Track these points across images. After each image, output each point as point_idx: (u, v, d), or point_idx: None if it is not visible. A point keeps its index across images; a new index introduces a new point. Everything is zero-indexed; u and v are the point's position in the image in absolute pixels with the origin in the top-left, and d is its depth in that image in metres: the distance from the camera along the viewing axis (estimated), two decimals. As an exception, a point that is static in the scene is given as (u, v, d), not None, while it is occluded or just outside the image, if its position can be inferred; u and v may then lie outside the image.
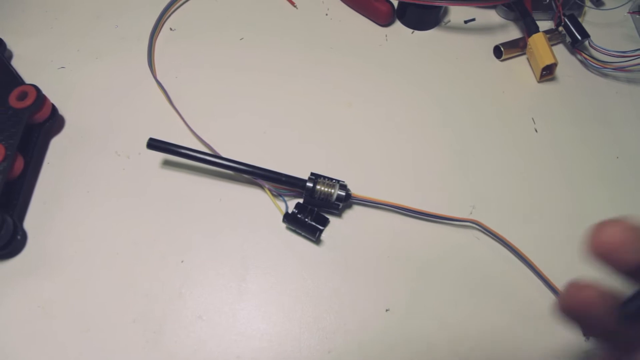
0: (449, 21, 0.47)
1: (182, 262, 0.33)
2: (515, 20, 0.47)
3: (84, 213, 0.35)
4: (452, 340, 0.32)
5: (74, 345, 0.31)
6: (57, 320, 0.31)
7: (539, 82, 0.43)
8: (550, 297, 0.33)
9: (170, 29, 0.44)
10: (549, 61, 0.41)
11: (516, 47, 0.44)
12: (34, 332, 0.31)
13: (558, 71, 0.43)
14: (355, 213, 0.36)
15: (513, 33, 0.46)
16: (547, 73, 0.43)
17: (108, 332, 0.31)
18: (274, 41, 0.44)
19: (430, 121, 0.40)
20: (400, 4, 0.45)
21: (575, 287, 0.21)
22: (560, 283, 0.33)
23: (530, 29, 0.43)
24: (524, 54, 0.45)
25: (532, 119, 0.41)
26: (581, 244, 0.35)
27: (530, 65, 0.44)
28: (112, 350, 0.31)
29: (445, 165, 0.38)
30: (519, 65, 0.44)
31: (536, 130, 0.41)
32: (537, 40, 0.42)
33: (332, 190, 0.34)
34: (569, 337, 0.32)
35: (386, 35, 0.45)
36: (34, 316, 0.32)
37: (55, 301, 0.32)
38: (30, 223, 0.35)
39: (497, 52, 0.45)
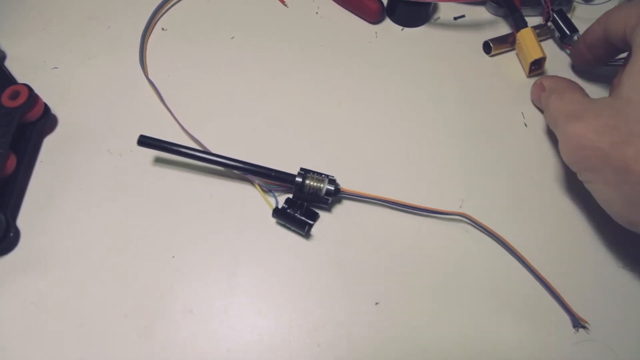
0: (439, 18, 0.47)
1: (173, 257, 0.34)
2: (505, 17, 0.47)
3: (77, 210, 0.35)
4: (440, 332, 0.32)
5: (67, 341, 0.31)
6: (50, 316, 0.32)
7: (528, 77, 0.43)
8: (539, 289, 0.33)
9: (162, 29, 0.45)
10: (537, 55, 0.42)
11: (505, 42, 0.45)
12: (27, 329, 0.31)
13: (547, 66, 0.44)
14: (344, 207, 0.36)
15: (503, 29, 0.47)
16: (536, 68, 0.43)
17: (100, 327, 0.31)
18: (265, 40, 0.44)
19: (419, 117, 0.41)
20: (390, 1, 0.46)
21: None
22: (550, 276, 0.33)
23: (518, 24, 0.43)
24: (514, 49, 0.45)
25: (522, 113, 0.41)
26: (570, 237, 0.35)
27: (519, 60, 0.44)
28: (104, 345, 0.31)
29: (435, 160, 0.39)
30: (508, 60, 0.45)
31: (525, 125, 0.41)
32: (526, 35, 0.42)
33: (321, 185, 0.34)
34: (558, 330, 0.32)
35: (376, 33, 0.46)
36: (28, 313, 0.32)
37: (48, 297, 0.32)
38: (23, 221, 0.35)
39: (487, 47, 0.45)
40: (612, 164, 0.28)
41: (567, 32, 0.44)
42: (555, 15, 0.44)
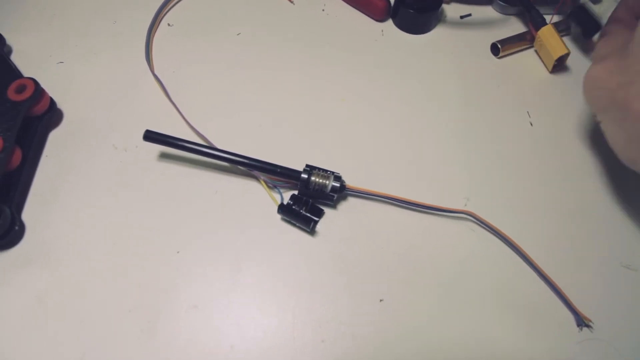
0: (446, 17, 0.47)
1: (177, 252, 0.34)
2: (517, 15, 0.47)
3: (82, 205, 0.35)
4: (444, 330, 0.32)
5: (70, 335, 0.31)
6: (54, 311, 0.32)
7: (551, 72, 0.44)
8: (544, 288, 0.33)
9: (168, 25, 0.45)
10: (562, 52, 0.42)
11: (514, 43, 0.44)
12: (30, 322, 0.31)
13: (569, 61, 0.44)
14: (349, 204, 0.36)
15: (511, 28, 0.46)
16: (559, 63, 0.43)
17: (104, 322, 0.31)
18: (271, 37, 0.44)
19: (424, 115, 0.41)
20: (394, 9, 0.45)
21: None
22: (554, 275, 0.33)
23: (537, 22, 0.43)
24: (522, 49, 0.45)
25: (527, 112, 0.41)
26: (575, 236, 0.35)
27: (540, 57, 0.44)
28: (107, 340, 0.31)
29: (440, 159, 0.39)
30: (514, 60, 0.45)
31: (531, 124, 0.41)
32: (547, 33, 0.42)
33: (327, 182, 0.34)
34: (562, 328, 0.32)
35: (382, 31, 0.46)
36: (31, 306, 0.32)
37: (52, 291, 0.32)
38: (28, 214, 0.35)
39: (494, 49, 0.45)
40: (617, 102, 0.30)
41: (589, 27, 0.44)
42: (576, 10, 0.44)
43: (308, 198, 0.35)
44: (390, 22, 0.46)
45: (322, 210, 0.35)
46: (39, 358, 0.30)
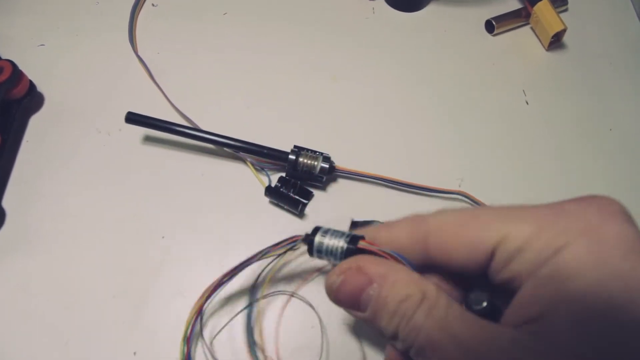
0: (438, -6, 0.46)
1: (162, 237, 0.33)
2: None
3: (65, 190, 0.35)
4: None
5: (55, 322, 0.30)
6: (38, 298, 0.31)
7: (547, 50, 0.42)
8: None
9: (152, 5, 0.43)
10: (558, 28, 0.40)
11: (509, 20, 0.43)
12: (14, 310, 0.31)
13: (566, 38, 0.42)
14: (339, 186, 0.35)
15: (506, 5, 0.45)
16: (555, 40, 0.42)
17: (88, 308, 0.31)
18: (259, 16, 0.43)
19: (418, 94, 0.40)
20: None
21: None
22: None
23: None
24: (518, 26, 0.44)
25: (523, 91, 0.40)
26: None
27: (536, 34, 0.43)
28: (92, 326, 0.30)
29: (433, 139, 0.38)
30: (509, 38, 0.43)
31: (527, 103, 0.40)
32: (544, 8, 0.41)
33: (315, 163, 0.33)
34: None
35: (373, 8, 0.44)
36: (15, 294, 0.31)
37: (34, 279, 0.32)
38: (9, 201, 0.34)
39: (489, 26, 0.44)
40: None
41: None
42: None
43: (296, 180, 0.34)
44: (380, 0, 0.45)
45: (311, 192, 0.34)
46: (22, 345, 0.30)
